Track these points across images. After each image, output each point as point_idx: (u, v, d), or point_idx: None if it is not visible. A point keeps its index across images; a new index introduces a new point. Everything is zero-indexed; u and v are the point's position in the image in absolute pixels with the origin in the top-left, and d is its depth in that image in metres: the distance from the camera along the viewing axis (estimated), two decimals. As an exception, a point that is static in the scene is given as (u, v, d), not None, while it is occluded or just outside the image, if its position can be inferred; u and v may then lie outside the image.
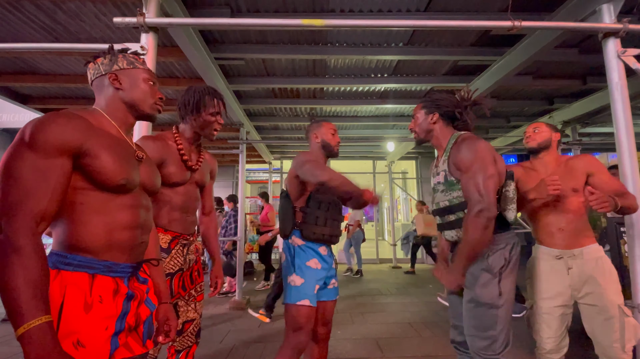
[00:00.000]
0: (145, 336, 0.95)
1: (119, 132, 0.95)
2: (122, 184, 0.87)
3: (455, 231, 1.41)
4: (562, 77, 3.93)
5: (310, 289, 1.58)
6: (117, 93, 0.96)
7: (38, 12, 2.45)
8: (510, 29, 2.02)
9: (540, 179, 1.58)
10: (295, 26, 1.89)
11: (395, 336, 3.05)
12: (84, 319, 0.79)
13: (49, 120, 0.78)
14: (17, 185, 0.73)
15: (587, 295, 1.50)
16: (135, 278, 0.96)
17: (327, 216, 1.65)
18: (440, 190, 1.44)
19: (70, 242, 0.83)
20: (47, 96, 4.11)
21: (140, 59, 1.03)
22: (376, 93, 4.38)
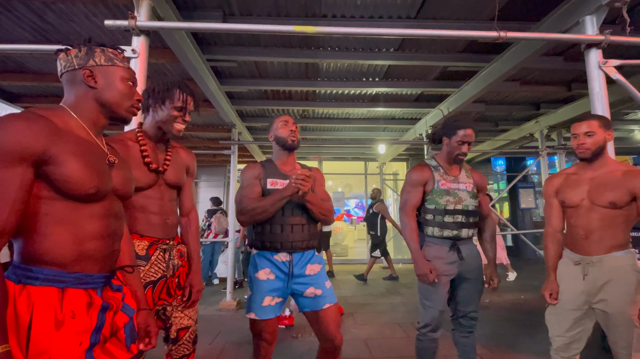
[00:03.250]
0: (129, 340, 0.90)
1: (88, 133, 0.86)
2: (92, 193, 0.80)
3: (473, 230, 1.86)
4: (548, 84, 4.04)
5: (256, 302, 1.55)
6: (90, 92, 0.87)
7: (28, 12, 2.43)
8: (497, 39, 2.08)
9: (584, 184, 1.54)
10: (287, 33, 1.91)
11: (384, 336, 3.10)
12: (54, 337, 0.73)
13: (7, 124, 0.71)
14: None
15: (600, 301, 1.49)
16: (108, 287, 0.90)
17: (285, 222, 1.57)
18: (470, 196, 1.85)
19: (36, 255, 0.76)
20: (36, 94, 4.05)
21: (121, 55, 0.94)
22: (367, 97, 4.42)
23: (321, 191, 1.73)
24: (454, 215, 1.81)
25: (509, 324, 3.40)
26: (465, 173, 1.90)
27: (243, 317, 3.79)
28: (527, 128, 5.29)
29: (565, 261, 1.64)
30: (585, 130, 1.52)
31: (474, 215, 1.85)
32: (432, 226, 1.83)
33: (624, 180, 1.45)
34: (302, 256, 1.63)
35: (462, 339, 1.88)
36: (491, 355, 2.68)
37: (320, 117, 5.31)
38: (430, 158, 1.94)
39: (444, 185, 1.83)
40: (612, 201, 1.45)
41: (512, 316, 3.64)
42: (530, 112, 4.93)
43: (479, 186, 1.92)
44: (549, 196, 1.70)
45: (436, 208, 1.82)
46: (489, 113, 5.09)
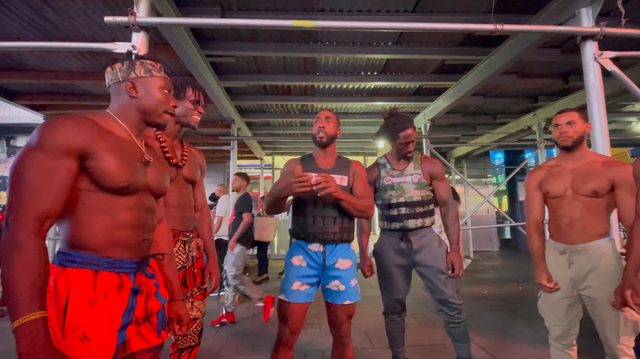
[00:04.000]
0: (160, 326, 0.98)
1: (129, 134, 0.97)
2: (123, 186, 0.88)
3: (422, 220, 1.93)
4: (545, 76, 4.05)
5: (287, 284, 1.62)
6: (132, 101, 0.97)
7: (27, 9, 2.43)
8: (493, 31, 2.10)
9: (566, 175, 1.60)
10: (286, 27, 1.92)
11: (383, 327, 3.14)
12: (88, 314, 0.82)
13: (57, 123, 0.82)
14: (23, 185, 0.76)
15: (587, 288, 1.54)
16: (142, 274, 0.98)
17: (316, 214, 1.63)
18: (416, 187, 1.93)
19: (74, 241, 0.85)
20: (35, 92, 4.05)
21: (158, 66, 1.03)
22: (366, 91, 4.44)
23: (360, 187, 1.71)
24: (397, 208, 1.91)
25: (506, 315, 3.46)
26: (414, 164, 1.97)
27: (245, 310, 3.85)
28: (525, 121, 5.32)
29: (550, 251, 1.69)
30: (567, 119, 1.59)
31: (420, 205, 1.91)
32: (382, 220, 1.99)
33: (604, 169, 1.53)
34: (334, 249, 1.65)
35: (453, 330, 1.91)
36: (489, 344, 2.74)
37: (319, 112, 5.32)
38: (382, 157, 2.08)
39: (388, 181, 1.96)
40: (594, 190, 1.52)
41: (509, 307, 3.70)
42: (528, 105, 4.95)
43: (432, 174, 1.96)
44: (531, 189, 1.75)
45: (382, 203, 1.97)
46: (487, 107, 5.11)
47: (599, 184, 1.51)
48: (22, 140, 7.75)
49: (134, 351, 0.92)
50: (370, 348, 2.73)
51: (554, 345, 1.69)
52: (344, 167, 1.75)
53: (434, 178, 1.97)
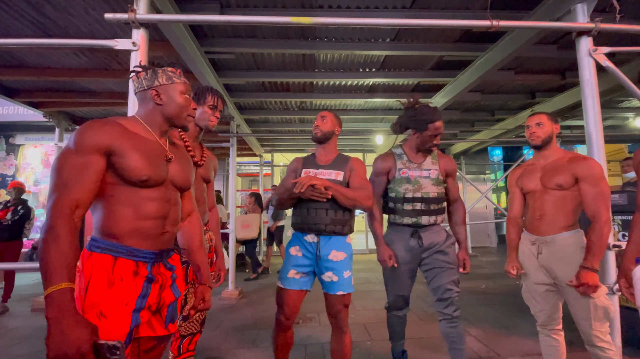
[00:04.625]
0: (168, 319, 1.05)
1: (152, 135, 1.07)
2: (144, 179, 0.98)
3: (435, 217, 1.88)
4: (542, 72, 4.07)
5: (284, 272, 1.75)
6: (157, 108, 1.08)
7: (27, 6, 2.44)
8: (489, 27, 2.12)
9: (537, 172, 1.75)
10: (284, 24, 1.94)
11: (383, 321, 3.18)
12: (106, 294, 0.92)
13: (87, 126, 0.95)
14: (59, 178, 0.89)
15: (557, 276, 1.65)
16: (161, 265, 1.06)
17: (310, 206, 1.70)
18: (433, 183, 1.88)
19: (101, 229, 0.97)
20: (34, 89, 4.06)
21: (178, 72, 1.12)
22: (364, 87, 4.46)
23: (356, 180, 1.78)
24: (412, 203, 1.85)
25: (502, 308, 3.51)
26: (431, 159, 1.92)
27: (245, 306, 3.90)
28: (523, 117, 5.34)
29: (524, 242, 1.82)
30: (536, 121, 1.78)
31: (435, 202, 1.87)
32: (394, 213, 1.92)
33: (568, 165, 1.67)
34: (329, 240, 1.72)
35: (449, 330, 1.84)
36: (485, 336, 2.79)
37: (318, 109, 5.34)
38: (397, 147, 1.99)
39: (404, 173, 1.89)
40: (559, 184, 1.66)
41: (505, 301, 3.75)
42: (525, 101, 4.98)
43: (447, 171, 1.94)
44: (511, 186, 1.92)
45: (396, 196, 1.89)
46: (485, 103, 5.13)
47: (564, 178, 1.65)
48: (20, 138, 7.75)
49: (139, 337, 0.99)
50: (369, 340, 2.78)
51: (542, 331, 1.80)
52: (342, 163, 1.85)
53: (448, 175, 1.95)
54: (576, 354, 2.29)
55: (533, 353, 2.43)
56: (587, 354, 1.64)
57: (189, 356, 1.70)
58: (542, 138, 1.75)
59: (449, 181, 1.96)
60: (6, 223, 4.03)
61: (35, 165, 7.76)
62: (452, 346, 1.84)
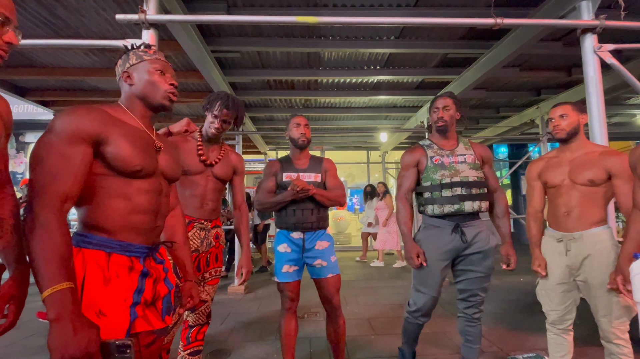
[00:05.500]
0: (164, 312, 1.01)
1: (138, 123, 1.01)
2: (137, 169, 0.93)
3: (479, 203, 1.73)
4: (548, 69, 4.06)
5: (278, 268, 1.90)
6: (131, 89, 1.01)
7: (39, 7, 2.50)
8: (494, 25, 2.14)
9: (564, 166, 1.66)
10: (290, 23, 1.98)
11: (386, 316, 3.24)
12: (103, 292, 0.87)
13: (72, 112, 0.88)
14: (44, 169, 0.82)
15: (582, 274, 1.61)
16: (152, 259, 1.02)
17: (297, 207, 1.86)
18: (471, 167, 1.77)
19: (90, 223, 0.91)
20: (45, 88, 4.15)
21: (151, 50, 1.04)
22: (369, 85, 4.48)
23: (331, 181, 1.97)
24: (452, 188, 1.72)
25: (508, 305, 3.53)
26: (463, 145, 1.84)
27: (251, 301, 3.96)
28: (528, 114, 5.33)
29: (548, 239, 1.76)
30: (560, 113, 1.67)
31: (477, 186, 1.73)
32: (432, 204, 1.76)
33: (600, 159, 1.58)
34: (313, 235, 1.91)
35: (467, 328, 1.81)
36: (488, 331, 2.82)
37: (323, 106, 5.37)
38: (425, 139, 1.95)
39: (437, 160, 1.79)
40: (590, 179, 1.58)
41: (510, 297, 3.77)
42: (531, 98, 4.96)
43: (484, 158, 1.84)
44: (531, 179, 1.83)
45: (432, 184, 1.77)
46: (490, 100, 5.12)
47: (596, 173, 1.57)
48: (30, 136, 7.89)
49: (137, 332, 0.93)
50: (373, 334, 2.82)
51: (551, 329, 1.77)
52: (317, 165, 1.99)
53: (485, 162, 1.84)
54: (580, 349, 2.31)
55: (536, 349, 2.45)
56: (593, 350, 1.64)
57: (198, 346, 1.75)
58: (567, 130, 1.65)
59: (486, 169, 1.84)
60: (18, 219, 4.13)
61: (44, 162, 7.87)
62: (466, 344, 1.82)
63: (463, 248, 1.72)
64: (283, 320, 1.94)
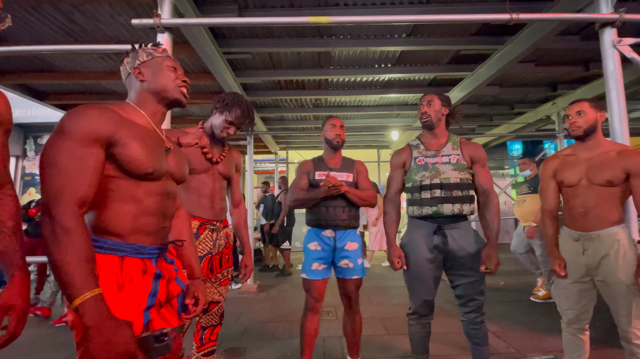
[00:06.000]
0: (180, 309, 1.03)
1: (149, 122, 1.00)
2: (149, 172, 0.91)
3: (460, 206, 1.70)
4: (564, 64, 3.96)
5: (307, 266, 1.95)
6: (143, 85, 1.00)
7: (57, 13, 2.57)
8: (509, 21, 2.09)
9: (581, 165, 1.63)
10: (302, 24, 1.98)
11: (399, 316, 3.22)
12: (117, 298, 0.85)
13: (82, 112, 0.85)
14: (59, 172, 0.79)
15: (601, 273, 1.58)
16: (163, 259, 1.01)
17: (328, 205, 1.92)
18: (454, 169, 1.73)
19: (101, 227, 0.88)
20: (63, 92, 4.26)
21: (160, 49, 1.05)
22: (380, 83, 4.45)
23: (362, 182, 2.06)
24: (430, 190, 1.70)
25: (522, 305, 3.47)
26: (452, 145, 1.78)
27: (263, 299, 4.00)
28: (544, 110, 5.21)
29: (565, 239, 1.73)
30: (577, 109, 1.65)
31: (459, 188, 1.69)
32: (412, 205, 1.78)
33: (619, 159, 1.55)
34: (344, 234, 1.97)
35: (472, 332, 1.75)
36: (503, 332, 2.77)
37: (333, 106, 5.37)
38: (415, 138, 1.91)
39: (420, 161, 1.78)
40: (608, 180, 1.55)
41: (524, 297, 3.69)
42: (546, 94, 4.85)
43: (474, 158, 1.77)
44: (546, 178, 1.79)
45: (412, 186, 1.77)
46: (504, 96, 5.03)
47: (614, 174, 1.54)
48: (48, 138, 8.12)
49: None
50: (386, 334, 2.81)
51: (567, 329, 1.74)
52: (349, 166, 2.07)
53: (475, 162, 1.77)
54: (599, 351, 2.26)
55: (554, 350, 2.41)
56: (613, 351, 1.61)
57: (212, 346, 1.76)
58: (584, 128, 1.62)
59: (477, 168, 1.76)
60: (38, 219, 4.26)
61: (62, 164, 8.10)
62: (474, 346, 1.79)
63: (448, 251, 1.68)
64: (306, 319, 1.96)
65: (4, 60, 3.33)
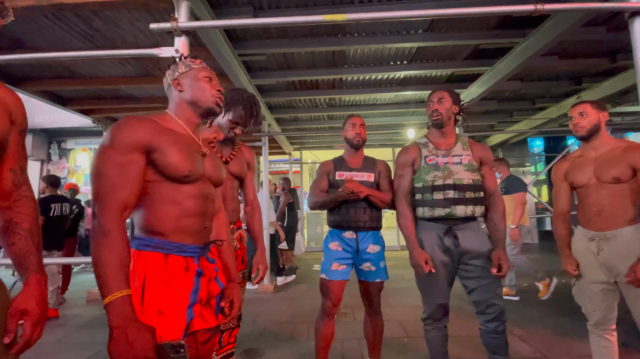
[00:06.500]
0: (218, 310, 1.08)
1: (185, 130, 1.07)
2: (186, 175, 0.97)
3: (473, 208, 1.66)
4: (589, 56, 3.79)
5: (327, 265, 1.90)
6: (181, 95, 1.07)
7: (78, 20, 2.64)
8: (533, 12, 2.00)
9: (589, 164, 1.66)
10: (317, 22, 1.96)
11: (419, 319, 3.14)
12: (163, 292, 0.92)
13: (124, 124, 0.93)
14: (104, 180, 0.87)
15: (619, 274, 1.55)
16: (204, 258, 1.07)
17: (350, 206, 1.88)
18: (467, 169, 1.69)
19: (147, 227, 0.96)
20: (85, 97, 4.38)
21: (197, 61, 1.13)
22: (395, 81, 4.38)
23: (385, 183, 1.99)
24: (443, 191, 1.65)
25: (548, 308, 3.34)
26: (462, 145, 1.74)
27: (280, 300, 4.00)
28: (568, 105, 5.01)
29: (580, 239, 1.72)
30: (580, 111, 1.70)
31: (472, 190, 1.65)
32: (422, 206, 1.71)
33: (624, 155, 1.59)
34: (366, 235, 1.92)
35: (491, 340, 1.66)
36: (529, 336, 2.67)
37: (347, 105, 5.33)
38: (422, 137, 1.85)
39: (431, 160, 1.72)
40: (616, 177, 1.57)
41: (549, 299, 3.56)
42: (570, 88, 4.65)
43: (482, 159, 1.74)
44: (557, 180, 1.82)
45: (423, 186, 1.70)
46: (525, 91, 4.86)
47: (621, 170, 1.56)
48: (71, 142, 8.41)
49: (194, 331, 1.00)
50: (406, 337, 2.76)
51: (594, 331, 1.71)
52: (371, 166, 2.01)
53: (483, 163, 1.75)
54: (630, 356, 2.15)
55: (583, 356, 2.30)
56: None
57: (230, 349, 1.76)
58: (587, 128, 1.67)
59: (484, 170, 1.74)
60: (64, 221, 4.40)
61: (85, 167, 8.39)
62: (493, 356, 1.68)
63: (460, 253, 1.65)
64: (322, 323, 1.92)
65: (28, 68, 3.45)
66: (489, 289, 1.63)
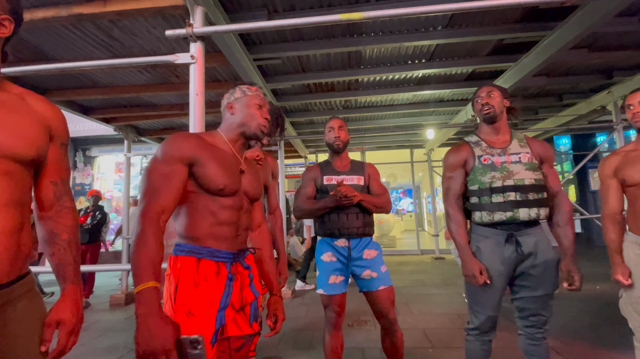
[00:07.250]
0: (252, 318, 1.11)
1: (230, 148, 1.15)
2: (221, 188, 1.05)
3: (537, 210, 1.49)
4: (621, 49, 3.57)
5: (323, 279, 1.79)
6: (232, 118, 1.17)
7: (97, 30, 2.69)
8: (563, 2, 1.88)
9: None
10: (334, 22, 1.90)
11: (444, 327, 3.02)
12: (193, 294, 0.98)
13: (172, 139, 1.04)
14: (149, 185, 0.97)
15: None
16: (239, 264, 1.12)
17: (341, 212, 1.78)
18: (527, 168, 1.53)
19: (184, 234, 1.04)
20: (106, 106, 4.49)
21: (253, 88, 1.21)
22: (413, 80, 4.27)
23: (376, 186, 1.90)
24: (504, 193, 1.49)
25: (583, 316, 3.13)
26: (518, 142, 1.58)
27: (299, 305, 3.94)
28: (598, 100, 4.74)
29: (631, 246, 1.54)
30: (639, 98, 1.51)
31: (535, 191, 1.49)
32: (479, 210, 1.55)
33: None
34: (359, 242, 1.81)
35: (530, 348, 1.55)
36: (565, 348, 2.50)
37: (363, 106, 5.24)
38: (471, 135, 1.70)
39: (486, 160, 1.56)
40: None
41: (586, 308, 3.34)
42: (600, 82, 4.40)
43: (542, 157, 1.58)
44: (606, 177, 1.63)
45: (480, 188, 1.54)
46: (552, 87, 4.64)
47: None
48: (95, 150, 8.70)
49: (228, 336, 1.06)
50: (430, 347, 2.63)
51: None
52: (359, 169, 1.92)
53: (544, 161, 1.58)
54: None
55: (627, 370, 2.12)
56: None
57: (251, 357, 1.73)
58: None
59: (545, 168, 1.57)
60: (86, 227, 4.52)
61: (108, 174, 8.66)
62: None
63: (521, 261, 1.49)
64: (329, 336, 1.82)
65: (52, 79, 3.56)
66: (538, 300, 1.50)
